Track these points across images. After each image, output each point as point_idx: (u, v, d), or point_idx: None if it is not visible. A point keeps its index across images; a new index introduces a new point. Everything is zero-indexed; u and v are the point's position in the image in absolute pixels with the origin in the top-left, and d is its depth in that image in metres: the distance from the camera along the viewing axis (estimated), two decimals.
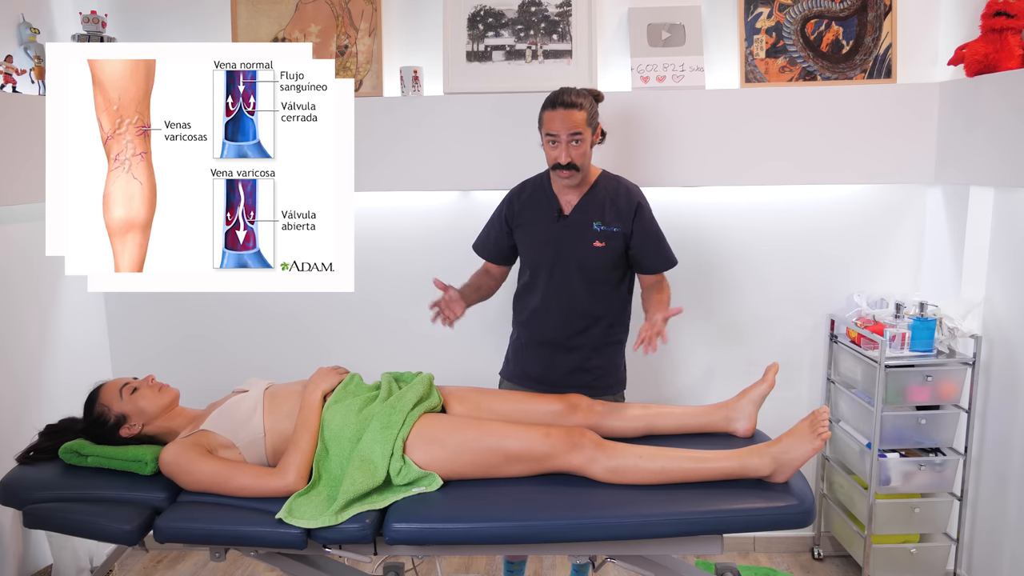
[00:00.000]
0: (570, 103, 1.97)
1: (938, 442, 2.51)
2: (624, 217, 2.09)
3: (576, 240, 2.08)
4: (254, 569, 2.80)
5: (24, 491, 1.80)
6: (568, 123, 1.96)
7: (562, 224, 2.10)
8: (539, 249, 2.12)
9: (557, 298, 2.12)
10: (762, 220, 2.69)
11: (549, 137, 2.00)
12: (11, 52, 2.28)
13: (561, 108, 1.97)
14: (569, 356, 2.15)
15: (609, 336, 2.17)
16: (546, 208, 2.12)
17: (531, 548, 1.75)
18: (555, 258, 2.10)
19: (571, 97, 1.98)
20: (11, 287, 2.38)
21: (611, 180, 2.14)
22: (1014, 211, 2.35)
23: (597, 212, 2.09)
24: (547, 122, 2.00)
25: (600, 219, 2.08)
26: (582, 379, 2.15)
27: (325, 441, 1.81)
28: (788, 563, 2.83)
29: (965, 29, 2.42)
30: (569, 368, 2.15)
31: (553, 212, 2.11)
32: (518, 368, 2.23)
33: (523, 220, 2.15)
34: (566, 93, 1.99)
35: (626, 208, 2.10)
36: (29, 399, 2.44)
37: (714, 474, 1.72)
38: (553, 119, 1.98)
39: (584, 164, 2.03)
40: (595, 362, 2.16)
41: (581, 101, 1.98)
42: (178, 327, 2.85)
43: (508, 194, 2.21)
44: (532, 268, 2.16)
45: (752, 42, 2.56)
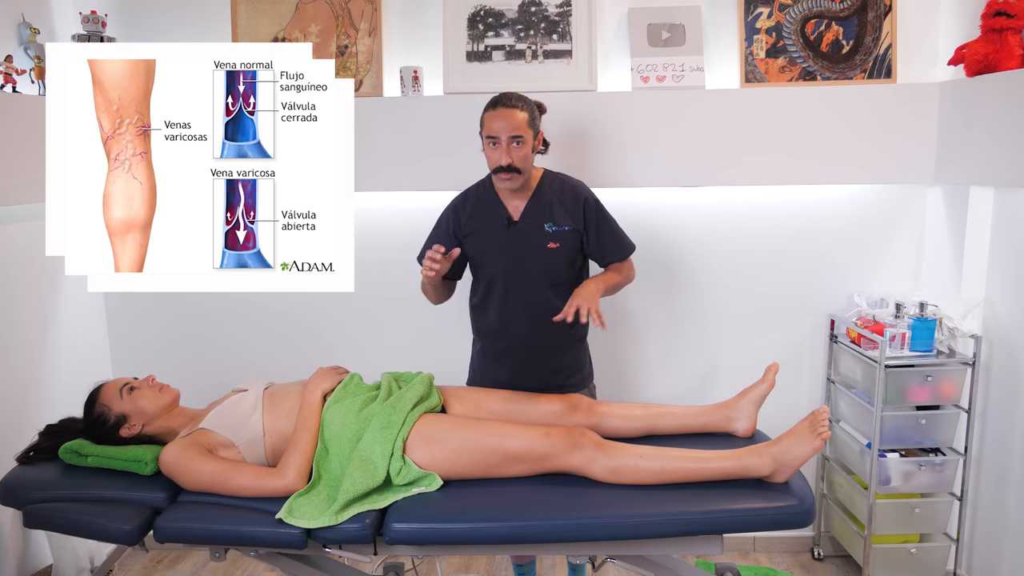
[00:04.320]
0: (511, 104, 1.97)
1: (938, 442, 2.51)
2: (574, 214, 2.09)
3: (530, 245, 2.06)
4: (254, 569, 2.80)
5: (24, 491, 1.80)
6: (509, 124, 1.95)
7: (513, 231, 2.08)
8: (493, 258, 2.09)
9: (518, 304, 2.09)
10: (762, 220, 2.69)
11: (490, 139, 1.98)
12: (11, 52, 2.28)
13: (502, 107, 1.96)
14: (539, 359, 2.13)
15: (576, 332, 2.17)
16: (494, 216, 2.10)
17: (531, 548, 1.75)
18: (511, 265, 2.07)
19: (512, 100, 1.98)
20: (11, 287, 2.38)
21: (554, 179, 2.13)
22: (1014, 211, 2.35)
23: (546, 214, 2.08)
24: (487, 122, 1.98)
25: (550, 220, 2.07)
26: (554, 380, 2.14)
27: (325, 441, 1.81)
28: (788, 563, 2.83)
29: (965, 29, 2.42)
30: (539, 371, 2.13)
31: (502, 220, 2.09)
32: (486, 379, 2.19)
33: (471, 230, 2.12)
34: (507, 96, 1.99)
35: (573, 205, 2.09)
36: (29, 399, 2.44)
37: (714, 474, 1.72)
38: (493, 119, 1.96)
39: (525, 168, 2.01)
40: (565, 361, 2.17)
41: (521, 104, 1.98)
42: (178, 327, 2.85)
43: (450, 206, 2.17)
44: (487, 278, 2.12)
45: (752, 42, 2.56)
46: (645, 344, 2.79)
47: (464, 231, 2.12)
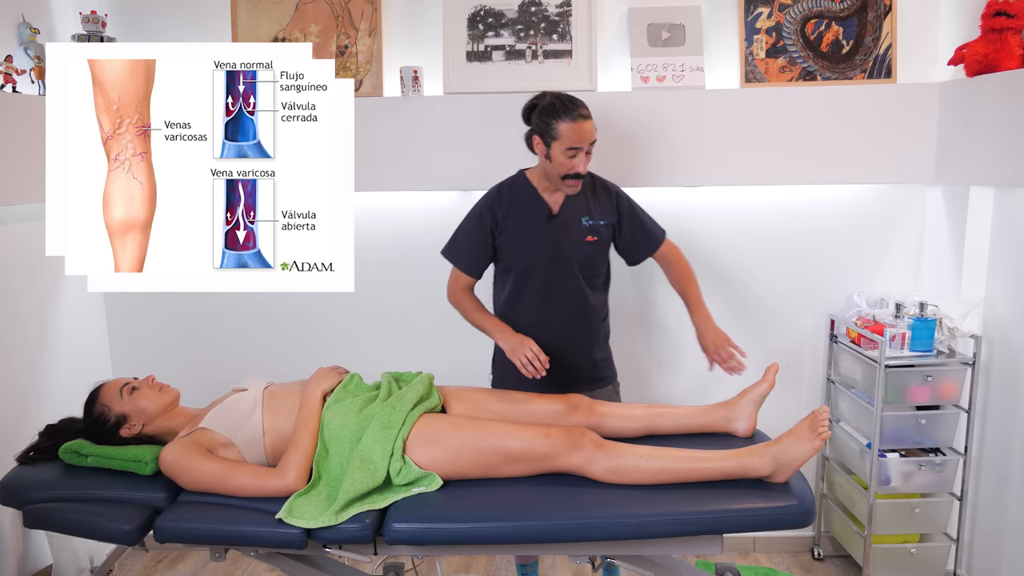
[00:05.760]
0: (587, 114, 2.00)
1: (938, 442, 2.51)
2: (607, 209, 2.15)
3: (569, 237, 2.10)
4: (254, 569, 2.80)
5: (24, 491, 1.80)
6: (589, 134, 2.00)
7: (553, 224, 2.11)
8: (533, 251, 2.12)
9: (558, 297, 2.13)
10: (762, 220, 2.69)
11: (571, 150, 1.99)
12: (11, 52, 2.28)
13: (581, 120, 1.99)
14: (577, 352, 2.17)
15: (605, 327, 2.24)
16: (533, 210, 2.12)
17: (531, 548, 1.75)
18: (551, 258, 2.11)
19: (584, 108, 2.00)
20: (11, 287, 2.38)
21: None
22: (1014, 211, 2.35)
23: (583, 208, 2.13)
24: (568, 133, 1.98)
25: (587, 214, 2.13)
26: (591, 373, 2.19)
27: (325, 441, 1.81)
28: (788, 563, 2.83)
29: (965, 29, 2.42)
30: (578, 364, 2.17)
31: (542, 214, 2.12)
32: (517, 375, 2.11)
33: (510, 224, 2.13)
34: (577, 104, 2.01)
35: (606, 200, 2.16)
36: (29, 399, 2.44)
37: (714, 474, 1.72)
38: (575, 131, 1.98)
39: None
40: (599, 355, 2.22)
41: (589, 111, 2.01)
42: (178, 327, 2.85)
43: (482, 203, 2.17)
44: (523, 272, 2.13)
45: (752, 42, 2.56)
46: (645, 344, 2.79)
47: (502, 226, 2.14)
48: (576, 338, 2.17)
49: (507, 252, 2.14)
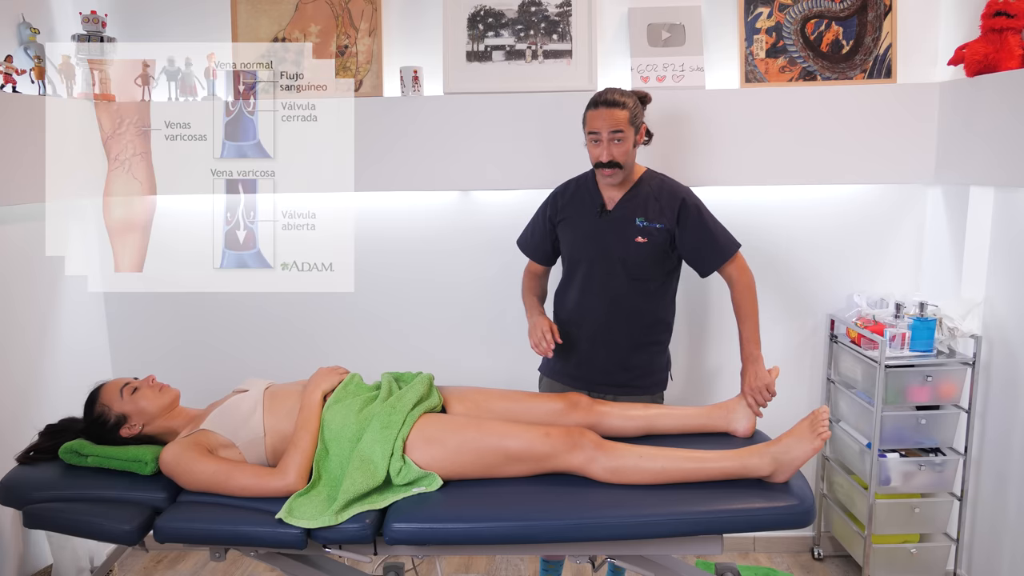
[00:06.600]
0: (612, 102, 1.99)
1: (938, 442, 2.51)
2: (668, 214, 2.10)
3: (618, 235, 2.10)
4: (254, 569, 2.80)
5: (24, 491, 1.80)
6: (609, 121, 1.99)
7: (605, 219, 2.11)
8: (581, 244, 2.14)
9: (597, 292, 2.13)
10: (762, 220, 2.69)
11: (592, 136, 2.02)
12: (11, 52, 2.28)
13: (603, 107, 1.99)
14: (609, 353, 2.14)
15: (649, 335, 2.17)
16: (589, 204, 2.14)
17: (531, 548, 1.75)
18: (596, 253, 2.11)
19: (614, 96, 2.00)
20: (11, 287, 2.38)
21: (655, 178, 2.15)
22: (1014, 211, 2.35)
23: (640, 208, 2.10)
24: (589, 121, 2.02)
25: (643, 215, 2.10)
26: (621, 377, 2.15)
27: (325, 441, 1.81)
28: (788, 563, 2.83)
29: (965, 29, 2.42)
30: (608, 366, 2.15)
31: (596, 208, 2.13)
32: (557, 364, 2.21)
33: (566, 216, 2.17)
34: (610, 92, 2.02)
35: (669, 205, 2.10)
36: (29, 399, 2.44)
37: (714, 474, 1.72)
38: (595, 117, 2.00)
39: (627, 163, 2.05)
40: (635, 360, 2.16)
41: (624, 100, 2.00)
42: (178, 327, 2.84)
43: (552, 192, 2.24)
44: (572, 263, 2.17)
45: (752, 42, 2.56)
46: None
47: (559, 216, 2.18)
48: (611, 339, 2.14)
49: (562, 241, 2.20)
